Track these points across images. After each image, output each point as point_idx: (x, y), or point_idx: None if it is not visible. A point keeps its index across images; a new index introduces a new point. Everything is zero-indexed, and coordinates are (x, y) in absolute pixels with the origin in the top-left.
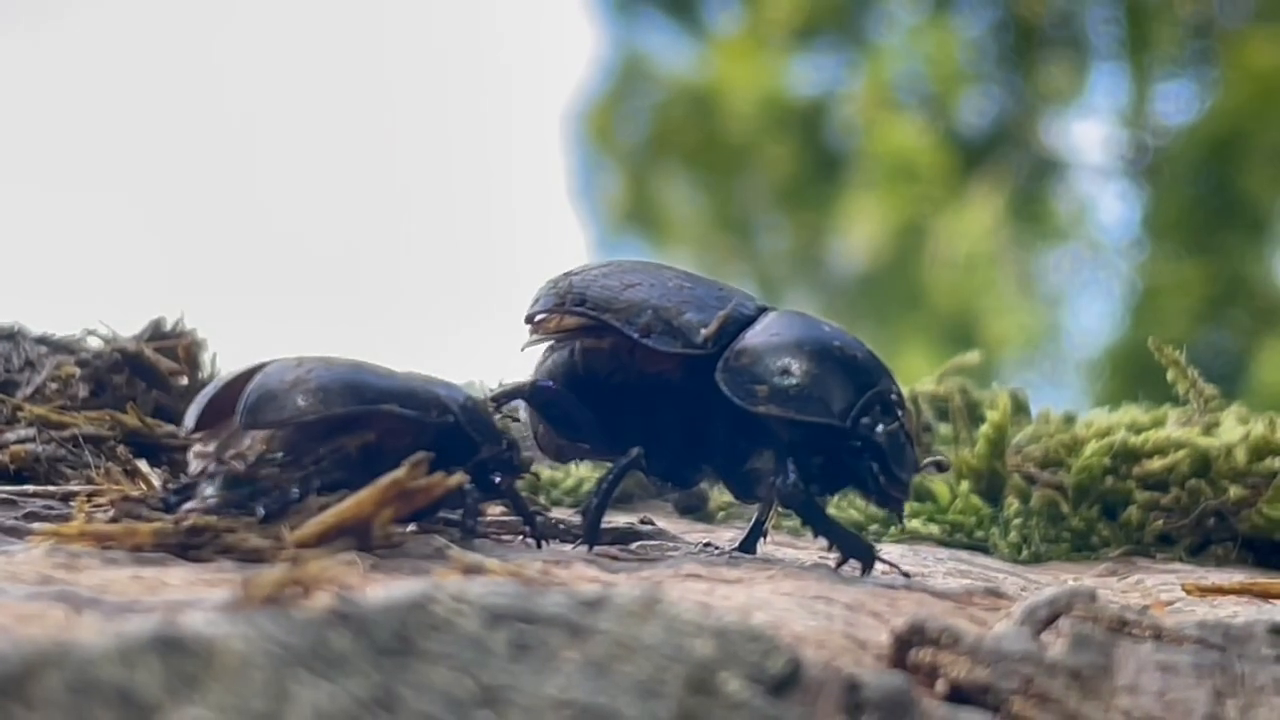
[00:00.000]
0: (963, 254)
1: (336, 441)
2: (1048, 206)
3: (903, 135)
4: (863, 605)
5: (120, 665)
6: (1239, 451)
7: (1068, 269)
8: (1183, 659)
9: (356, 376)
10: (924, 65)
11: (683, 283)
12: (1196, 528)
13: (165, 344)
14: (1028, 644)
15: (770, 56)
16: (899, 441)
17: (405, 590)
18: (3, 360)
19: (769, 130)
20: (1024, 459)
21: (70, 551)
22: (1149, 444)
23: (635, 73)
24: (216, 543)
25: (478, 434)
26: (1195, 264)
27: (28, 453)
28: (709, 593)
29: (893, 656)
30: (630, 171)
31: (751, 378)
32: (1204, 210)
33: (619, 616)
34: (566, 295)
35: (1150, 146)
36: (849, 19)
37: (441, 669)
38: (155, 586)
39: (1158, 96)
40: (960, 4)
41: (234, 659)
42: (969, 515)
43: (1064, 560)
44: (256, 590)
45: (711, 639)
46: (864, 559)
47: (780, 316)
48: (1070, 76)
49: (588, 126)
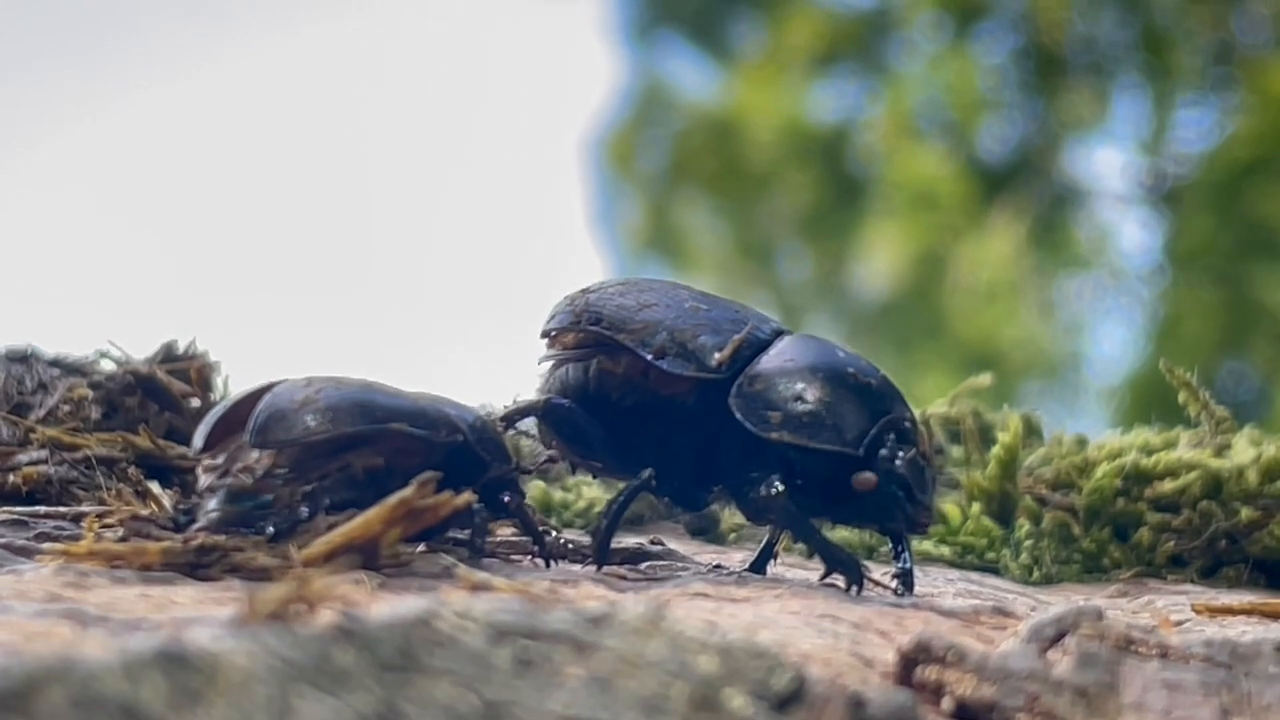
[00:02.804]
0: (984, 282)
1: (345, 460)
2: (1069, 234)
3: (923, 163)
4: (869, 624)
5: (124, 680)
6: (1251, 473)
7: (1089, 297)
8: (1189, 677)
9: (366, 396)
10: (944, 93)
11: (699, 304)
12: (1208, 549)
13: (178, 366)
14: (1033, 662)
15: (791, 84)
16: (916, 466)
17: (409, 606)
18: (16, 382)
19: (790, 157)
20: (1035, 481)
21: (79, 570)
22: (1160, 466)
23: (656, 99)
24: (225, 562)
25: (487, 453)
26: (1216, 291)
27: (40, 474)
28: (716, 611)
29: (898, 674)
30: (651, 198)
31: (765, 404)
32: (1225, 237)
33: (624, 633)
34: (582, 313)
35: (1171, 173)
36: (870, 46)
37: (445, 684)
38: (163, 605)
39: (1178, 123)
40: (981, 31)
41: (238, 674)
42: (980, 537)
43: (1075, 582)
44: (261, 606)
45: (716, 655)
46: (850, 573)
47: (795, 341)
48: (1091, 104)
49: (608, 153)
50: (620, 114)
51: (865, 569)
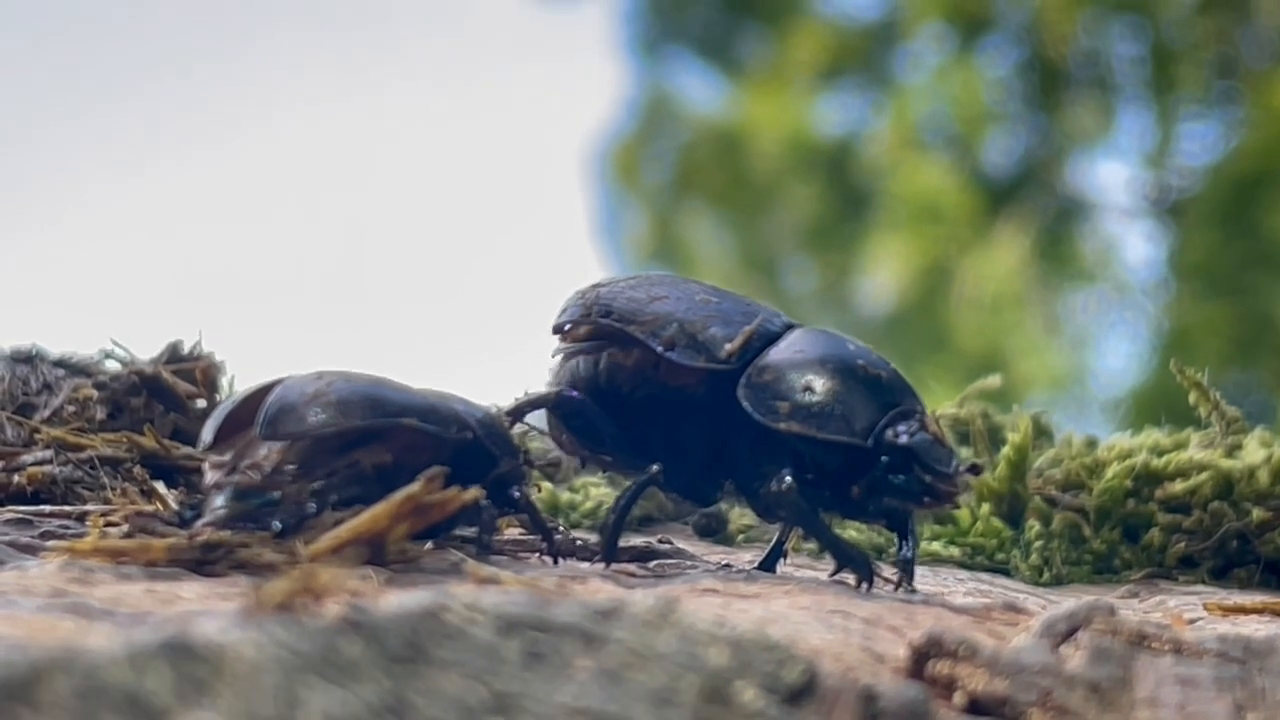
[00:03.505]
0: (989, 295)
1: (353, 455)
2: (1074, 247)
3: (928, 176)
4: (881, 620)
5: (129, 670)
6: (1262, 474)
7: (1094, 310)
8: (1203, 672)
9: (377, 391)
10: (949, 105)
11: (709, 297)
12: (1219, 550)
13: (183, 367)
14: (1046, 656)
15: (796, 96)
16: (927, 440)
17: (417, 598)
18: (21, 383)
19: (795, 170)
20: (1045, 482)
21: (84, 566)
22: (1171, 466)
23: (661, 112)
24: (231, 558)
25: (496, 448)
26: (1222, 304)
27: (45, 474)
28: (725, 606)
29: (910, 669)
30: (656, 211)
31: (773, 394)
32: (1230, 250)
33: (633, 626)
34: (593, 306)
35: (1176, 186)
36: (874, 59)
37: (453, 676)
38: (169, 600)
39: (1183, 136)
40: (985, 44)
41: (244, 665)
42: (990, 538)
43: (1085, 583)
44: (268, 598)
45: (726, 648)
46: (860, 570)
47: (805, 334)
48: (1096, 117)
49: (613, 165)
50: (626, 126)
51: (876, 566)
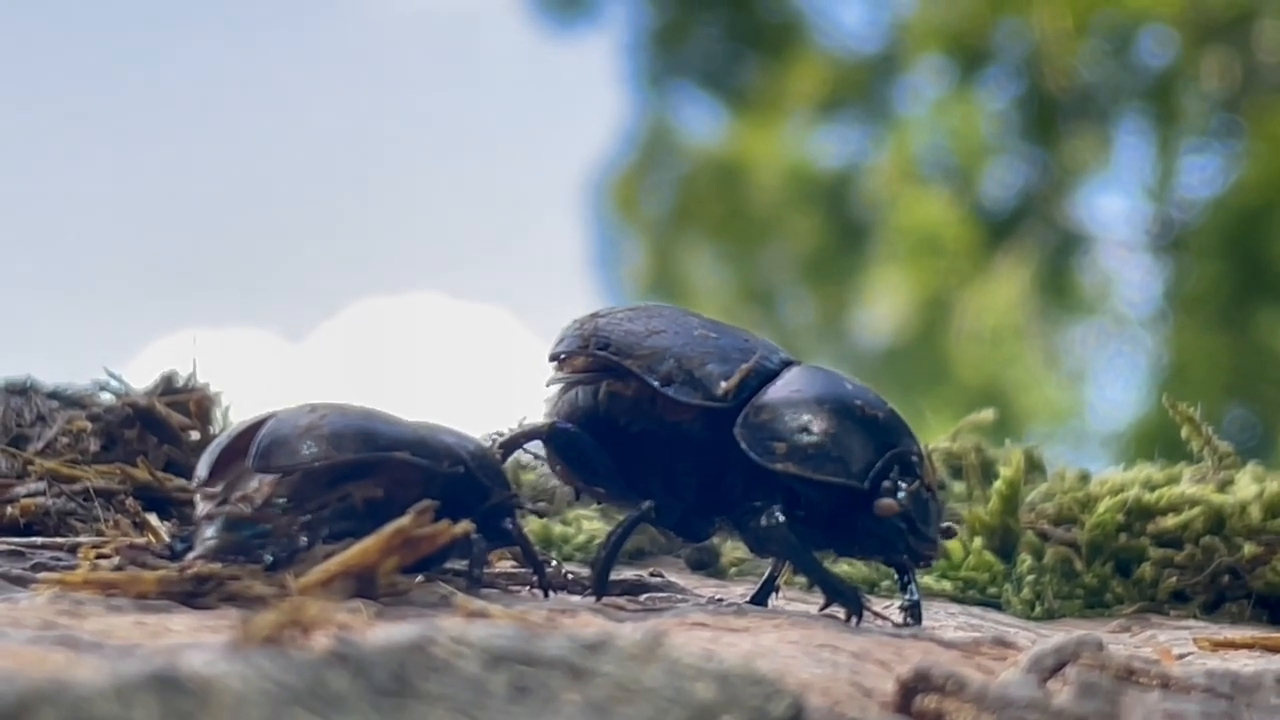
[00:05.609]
0: (988, 328)
1: (345, 489)
2: (1073, 280)
3: (928, 208)
4: (869, 654)
5: (116, 703)
6: (1254, 509)
7: (1094, 343)
8: (1190, 708)
9: (369, 424)
10: (948, 138)
11: (707, 331)
12: (1210, 585)
13: (177, 399)
14: (1034, 691)
15: (795, 128)
16: (921, 499)
17: (404, 631)
18: (14, 414)
19: (793, 202)
20: (1037, 516)
21: (74, 599)
22: (1163, 501)
23: (660, 143)
24: (221, 590)
25: (488, 481)
26: (1222, 338)
27: (38, 506)
28: (713, 640)
29: (898, 703)
30: (654, 242)
31: (770, 434)
32: (1230, 283)
33: (620, 659)
34: (591, 337)
35: (1176, 220)
36: (874, 91)
37: (440, 710)
38: (158, 632)
39: (1183, 169)
40: (985, 77)
41: (230, 697)
42: (982, 572)
43: (1077, 617)
44: (255, 631)
45: (713, 682)
46: (850, 604)
47: (803, 372)
48: (1095, 150)
49: (611, 196)
50: (624, 157)
51: (865, 600)
